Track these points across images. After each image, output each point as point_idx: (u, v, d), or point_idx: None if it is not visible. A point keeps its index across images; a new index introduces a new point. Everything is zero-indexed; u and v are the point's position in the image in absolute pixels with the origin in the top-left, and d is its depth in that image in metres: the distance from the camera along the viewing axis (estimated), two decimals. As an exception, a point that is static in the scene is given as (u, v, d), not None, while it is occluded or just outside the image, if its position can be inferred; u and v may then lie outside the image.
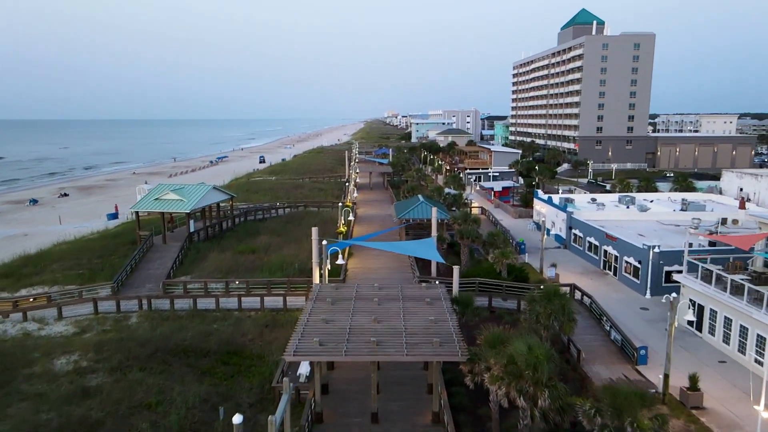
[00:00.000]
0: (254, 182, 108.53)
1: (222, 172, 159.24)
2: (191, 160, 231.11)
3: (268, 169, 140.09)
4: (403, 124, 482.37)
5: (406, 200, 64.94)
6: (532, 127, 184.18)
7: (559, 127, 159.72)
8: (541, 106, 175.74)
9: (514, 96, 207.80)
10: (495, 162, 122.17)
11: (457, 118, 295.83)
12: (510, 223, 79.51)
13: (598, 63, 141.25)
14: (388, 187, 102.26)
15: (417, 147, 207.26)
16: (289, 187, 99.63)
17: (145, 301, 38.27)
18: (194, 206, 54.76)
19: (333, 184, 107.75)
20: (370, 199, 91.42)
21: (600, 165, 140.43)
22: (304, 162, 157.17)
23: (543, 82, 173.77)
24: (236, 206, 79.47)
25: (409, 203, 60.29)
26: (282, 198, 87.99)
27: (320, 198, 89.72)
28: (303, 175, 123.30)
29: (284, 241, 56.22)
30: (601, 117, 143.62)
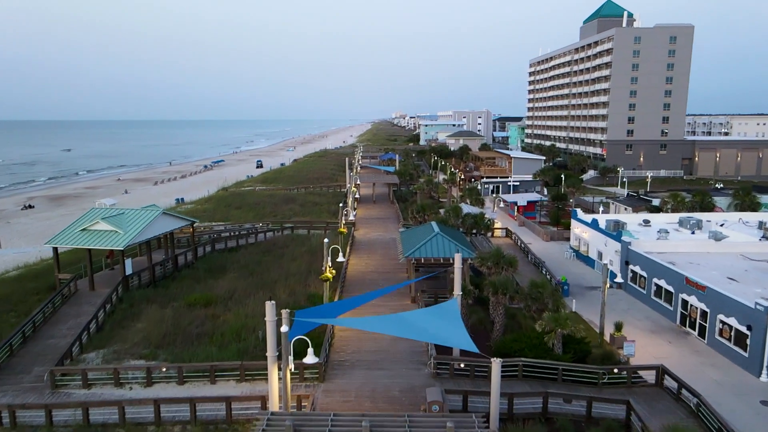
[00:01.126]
0: (240, 194, 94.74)
1: (213, 178, 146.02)
2: (188, 163, 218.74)
3: (260, 177, 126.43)
4: (411, 125, 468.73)
5: (415, 228, 50.58)
6: (552, 129, 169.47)
7: (584, 129, 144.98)
8: (562, 106, 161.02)
9: (531, 96, 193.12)
10: (515, 170, 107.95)
11: (468, 119, 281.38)
12: (540, 248, 65.30)
13: (629, 58, 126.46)
14: (394, 200, 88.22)
15: (426, 151, 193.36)
16: (279, 200, 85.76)
17: (5, 413, 24.19)
18: (133, 240, 40.82)
19: (331, 196, 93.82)
20: (372, 216, 77.40)
21: (630, 172, 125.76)
22: (303, 168, 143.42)
23: (564, 80, 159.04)
24: (212, 227, 65.79)
25: (419, 233, 46.15)
26: (267, 216, 74.15)
27: (313, 215, 75.78)
28: (298, 184, 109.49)
29: (254, 286, 42.26)
30: (632, 118, 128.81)
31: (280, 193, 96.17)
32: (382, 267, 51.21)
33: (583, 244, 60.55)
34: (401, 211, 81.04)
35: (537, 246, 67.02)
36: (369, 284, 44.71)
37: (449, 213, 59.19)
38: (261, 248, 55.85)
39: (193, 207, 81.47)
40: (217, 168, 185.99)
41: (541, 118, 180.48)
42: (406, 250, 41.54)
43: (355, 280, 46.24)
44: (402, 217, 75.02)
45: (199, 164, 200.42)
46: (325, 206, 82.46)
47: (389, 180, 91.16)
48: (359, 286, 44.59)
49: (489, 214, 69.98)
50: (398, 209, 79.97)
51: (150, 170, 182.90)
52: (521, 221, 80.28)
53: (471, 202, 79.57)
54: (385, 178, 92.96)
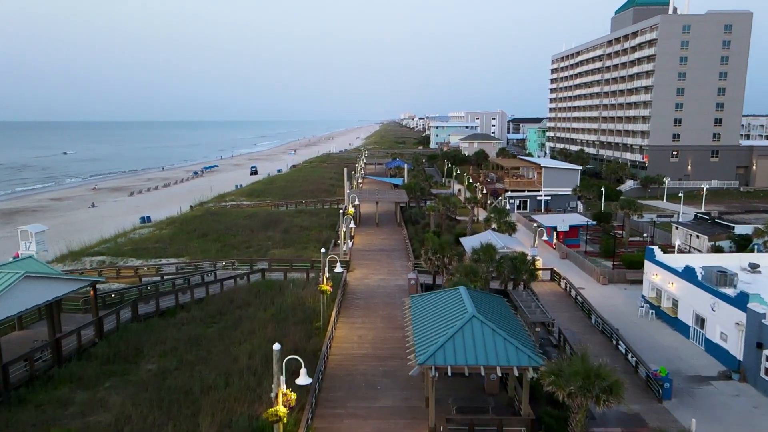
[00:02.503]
0: (215, 213, 77.92)
1: (199, 187, 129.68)
2: (180, 168, 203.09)
3: (248, 188, 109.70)
4: (420, 126, 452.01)
5: (434, 295, 32.73)
6: (579, 132, 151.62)
7: (619, 132, 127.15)
8: (591, 106, 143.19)
9: (553, 95, 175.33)
10: (546, 181, 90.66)
11: (481, 120, 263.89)
12: (598, 296, 48.10)
13: (677, 50, 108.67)
14: (402, 223, 71.24)
15: (437, 155, 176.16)
16: (260, 223, 68.93)
17: None
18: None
19: (325, 215, 76.97)
20: (373, 246, 60.46)
21: (677, 182, 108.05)
22: (299, 176, 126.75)
23: (594, 77, 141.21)
24: (158, 268, 49.14)
25: (440, 307, 28.90)
26: (236, 248, 57.38)
27: (297, 246, 58.88)
28: (289, 199, 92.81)
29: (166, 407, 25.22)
30: (679, 120, 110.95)
31: (264, 212, 79.38)
32: (384, 343, 34.33)
33: (666, 299, 43.20)
34: (412, 237, 64.02)
35: (593, 292, 49.77)
36: (359, 382, 28.11)
37: (479, 255, 42.03)
38: (210, 310, 38.92)
39: (148, 234, 64.78)
40: (209, 174, 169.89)
41: (566, 119, 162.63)
42: (422, 349, 24.38)
43: (340, 374, 29.36)
44: (412, 249, 58.02)
45: (192, 169, 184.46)
46: (315, 232, 65.46)
47: (396, 197, 74.06)
48: (346, 385, 27.93)
49: (529, 251, 52.79)
50: (407, 237, 62.90)
51: (135, 177, 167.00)
52: (563, 252, 62.96)
53: (499, 227, 62.43)
54: (391, 195, 75.88)
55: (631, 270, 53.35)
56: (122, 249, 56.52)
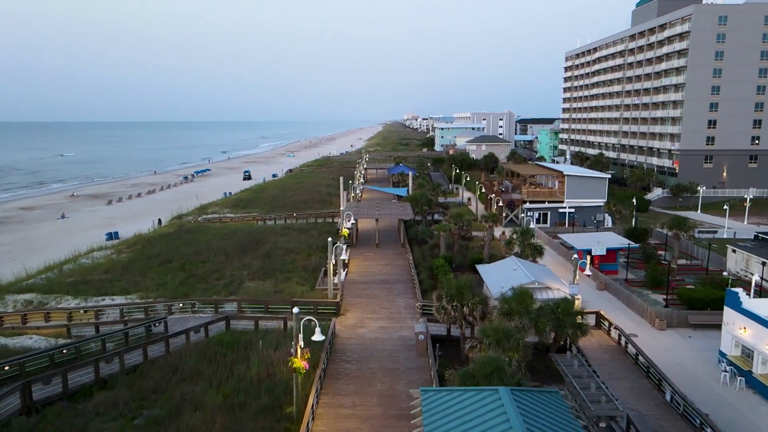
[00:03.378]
0: (189, 231, 67.18)
1: (185, 194, 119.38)
2: (173, 172, 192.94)
3: (234, 198, 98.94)
4: (424, 127, 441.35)
5: (459, 395, 22.07)
6: (597, 134, 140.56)
7: (644, 135, 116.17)
8: (611, 106, 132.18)
9: (567, 94, 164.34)
10: (569, 191, 79.77)
11: (488, 121, 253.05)
12: (656, 348, 37.42)
13: (712, 44, 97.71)
14: (407, 243, 60.52)
15: (444, 159, 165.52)
16: (238, 245, 58.15)
17: None
18: None
19: (317, 233, 66.34)
20: (372, 276, 49.79)
21: (711, 191, 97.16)
22: (293, 183, 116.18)
23: (615, 74, 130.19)
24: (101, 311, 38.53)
25: (470, 427, 18.07)
26: (206, 280, 46.64)
27: (277, 277, 48.15)
28: (278, 211, 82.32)
29: None
30: (713, 122, 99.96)
31: (247, 228, 68.73)
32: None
33: (762, 363, 32.40)
34: (418, 263, 53.36)
35: (648, 341, 39.06)
36: None
37: (511, 306, 31.19)
38: (143, 386, 28.23)
39: (103, 259, 54.00)
40: (200, 179, 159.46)
41: (582, 120, 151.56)
42: None
43: None
44: (419, 280, 47.37)
45: (184, 173, 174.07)
46: (302, 257, 54.73)
47: (400, 213, 63.18)
48: None
49: (566, 287, 42.02)
50: (412, 263, 52.14)
51: (120, 182, 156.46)
52: (601, 282, 52.11)
53: (524, 251, 51.72)
54: (394, 209, 65.02)
55: (695, 312, 42.51)
56: (63, 282, 45.94)
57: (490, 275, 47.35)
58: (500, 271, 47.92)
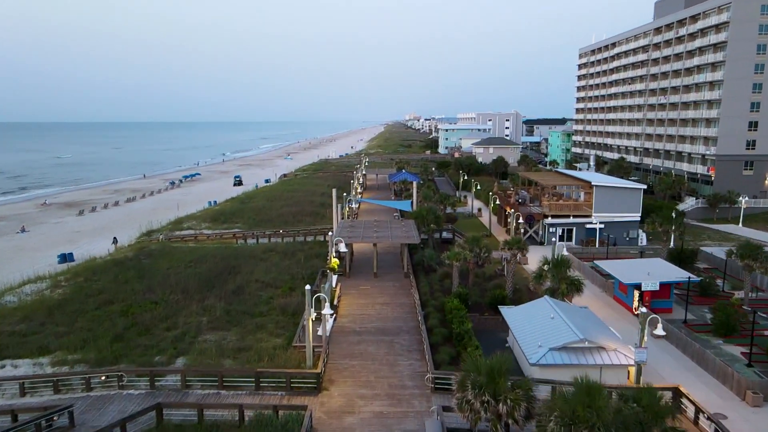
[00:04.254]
0: (152, 255, 56.36)
1: (167, 203, 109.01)
2: (162, 176, 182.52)
3: (215, 210, 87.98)
4: (426, 128, 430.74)
5: None
6: (616, 136, 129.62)
7: (671, 138, 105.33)
8: (633, 107, 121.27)
9: (581, 94, 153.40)
10: (598, 204, 68.98)
11: (494, 122, 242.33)
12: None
13: (754, 36, 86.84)
14: (411, 272, 49.80)
15: (449, 162, 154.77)
16: (204, 277, 47.31)
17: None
18: None
19: (304, 256, 55.69)
20: (368, 320, 39.18)
21: (752, 201, 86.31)
22: (285, 191, 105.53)
23: (637, 71, 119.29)
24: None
25: None
26: (151, 330, 35.90)
27: (244, 328, 37.39)
28: (263, 226, 71.82)
29: None
30: (755, 124, 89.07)
31: (222, 249, 57.96)
32: None
33: None
34: (426, 301, 42.66)
35: (739, 424, 28.45)
36: None
37: (573, 408, 20.40)
38: None
39: (34, 297, 43.12)
40: (188, 184, 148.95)
41: (598, 121, 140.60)
42: None
43: None
44: (428, 330, 36.77)
45: (173, 178, 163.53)
46: (281, 293, 43.96)
47: (403, 235, 52.22)
48: None
49: (633, 352, 31.21)
50: (419, 304, 41.39)
51: (101, 188, 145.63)
52: (652, 324, 41.20)
53: (561, 288, 40.99)
54: (396, 231, 54.11)
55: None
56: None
57: (520, 324, 36.64)
58: (531, 317, 37.22)
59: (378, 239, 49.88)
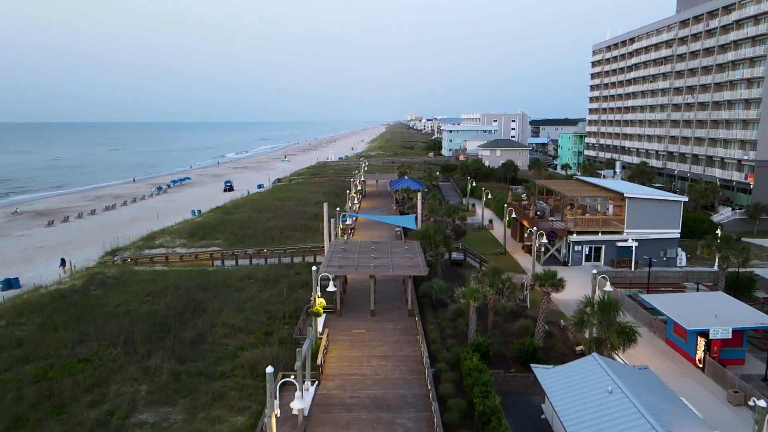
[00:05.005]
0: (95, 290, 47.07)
1: (149, 211, 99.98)
2: (152, 179, 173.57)
3: (195, 223, 78.43)
4: (428, 128, 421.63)
5: None
6: (635, 139, 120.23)
7: (700, 141, 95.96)
8: (655, 106, 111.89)
9: (595, 93, 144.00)
10: (631, 218, 59.62)
11: (500, 122, 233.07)
12: None
13: (799, 28, 77.52)
14: (416, 310, 40.47)
15: (453, 166, 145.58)
16: (161, 319, 38.13)
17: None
18: None
19: (287, 286, 46.51)
20: (363, 382, 30.01)
21: (795, 212, 76.88)
22: (277, 198, 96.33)
23: (661, 68, 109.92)
24: None
25: None
26: None
27: (203, 401, 28.10)
28: (246, 243, 62.66)
29: None
30: (799, 126, 79.69)
31: (186, 283, 48.52)
32: None
33: None
34: (437, 350, 33.58)
35: None
36: None
37: None
38: None
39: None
40: (176, 190, 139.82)
41: (615, 122, 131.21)
42: None
43: None
44: (440, 399, 27.66)
45: (165, 181, 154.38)
46: (253, 341, 34.76)
47: (406, 265, 42.61)
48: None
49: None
50: (426, 356, 32.13)
51: (82, 194, 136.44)
52: (735, 390, 31.93)
53: (610, 339, 31.69)
54: (398, 257, 44.57)
55: None
56: None
57: (564, 396, 27.21)
58: (578, 385, 27.79)
59: (376, 269, 40.54)
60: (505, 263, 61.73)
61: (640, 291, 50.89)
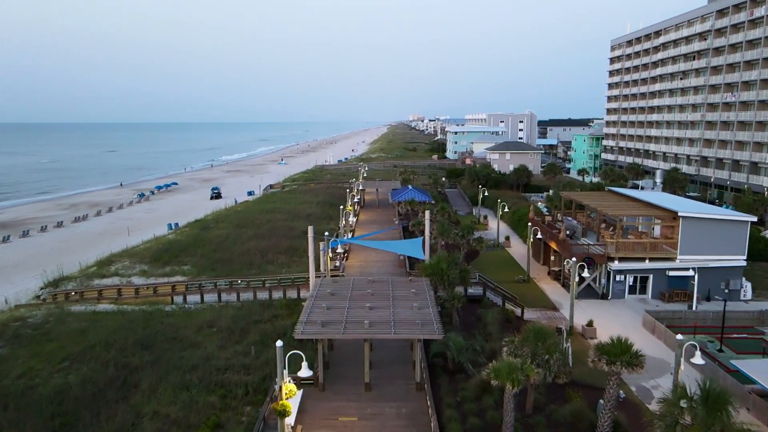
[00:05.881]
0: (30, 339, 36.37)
1: (120, 225, 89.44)
2: (140, 183, 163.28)
3: (163, 243, 66.99)
4: (431, 129, 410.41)
5: None
6: (662, 142, 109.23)
7: (741, 145, 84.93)
8: (684, 106, 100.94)
9: (615, 91, 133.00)
10: (686, 242, 48.67)
11: (507, 123, 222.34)
12: None
13: None
14: (427, 380, 29.50)
15: (461, 171, 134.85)
16: (79, 395, 27.40)
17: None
18: None
19: (259, 335, 35.69)
20: None
21: None
22: (264, 209, 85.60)
23: (693, 63, 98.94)
24: None
25: None
26: None
27: None
28: (218, 271, 51.93)
29: None
30: None
31: (134, 328, 37.77)
32: None
33: None
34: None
35: None
36: None
37: None
38: None
39: None
40: (159, 196, 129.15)
41: (638, 124, 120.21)
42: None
43: None
44: None
45: (150, 186, 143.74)
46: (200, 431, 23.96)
47: (414, 318, 31.68)
48: None
49: None
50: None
51: (54, 202, 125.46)
52: None
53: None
54: (403, 303, 33.69)
55: None
56: None
57: None
58: None
59: (372, 329, 29.54)
60: (530, 295, 50.99)
61: (710, 340, 40.08)
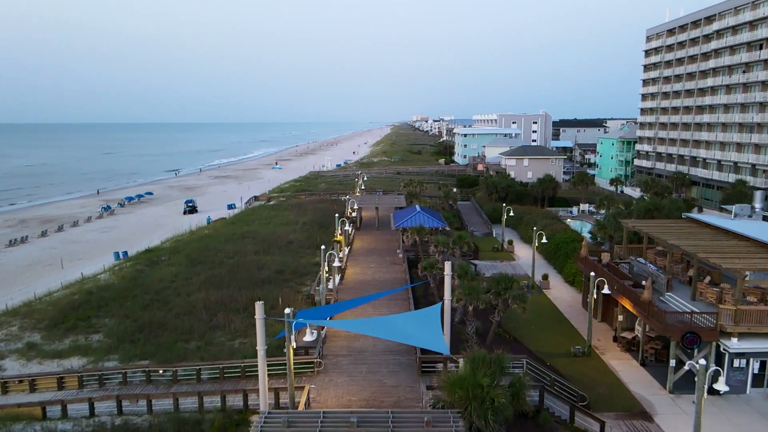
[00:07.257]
0: None
1: (61, 252, 72.98)
2: (124, 190, 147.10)
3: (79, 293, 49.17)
4: (435, 129, 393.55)
5: None
6: (716, 147, 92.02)
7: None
8: (746, 105, 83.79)
9: (652, 88, 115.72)
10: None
11: (519, 124, 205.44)
12: None
13: None
14: None
15: (475, 180, 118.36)
16: None
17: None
18: None
19: None
20: None
21: None
22: (238, 232, 68.75)
23: (756, 54, 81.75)
24: None
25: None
26: None
27: None
28: (133, 345, 35.16)
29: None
30: None
31: None
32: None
33: None
34: None
35: None
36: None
37: None
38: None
39: None
40: (128, 209, 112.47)
41: (682, 126, 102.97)
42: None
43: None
44: None
45: (117, 198, 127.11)
46: None
47: None
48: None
49: None
50: None
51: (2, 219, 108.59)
52: None
53: None
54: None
55: None
56: None
57: None
58: None
59: None
60: (598, 381, 34.19)
61: None
